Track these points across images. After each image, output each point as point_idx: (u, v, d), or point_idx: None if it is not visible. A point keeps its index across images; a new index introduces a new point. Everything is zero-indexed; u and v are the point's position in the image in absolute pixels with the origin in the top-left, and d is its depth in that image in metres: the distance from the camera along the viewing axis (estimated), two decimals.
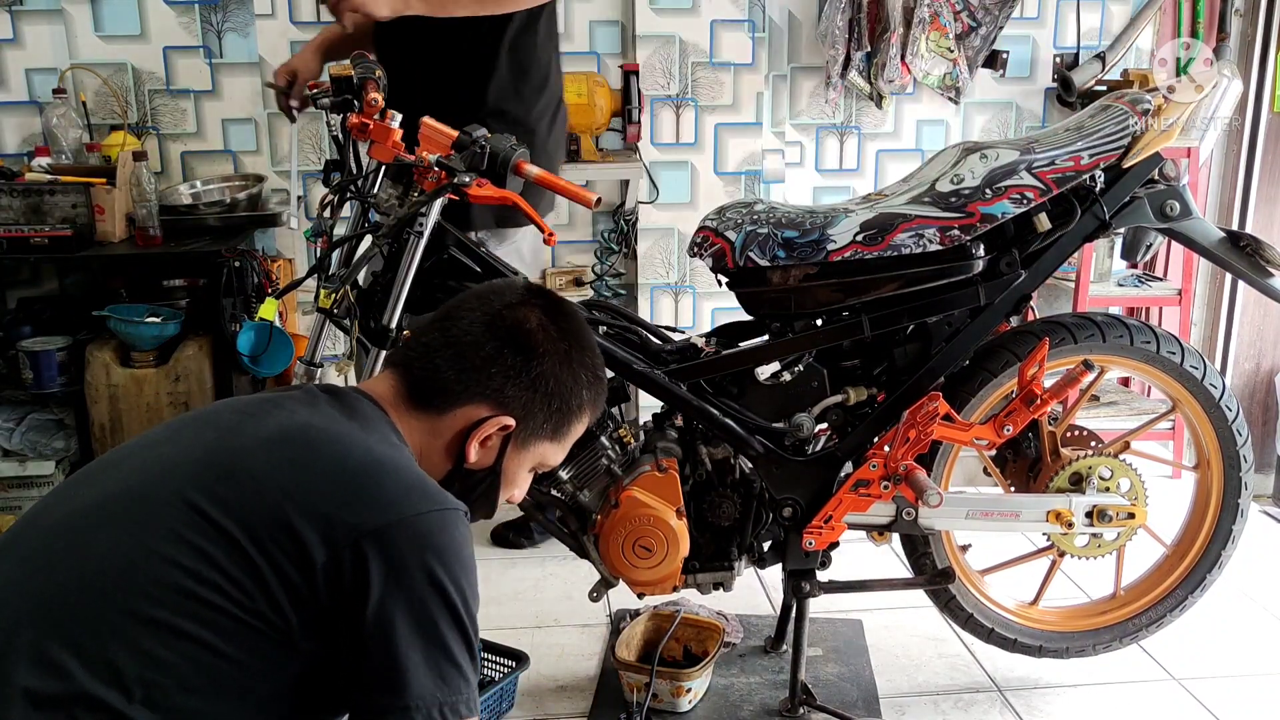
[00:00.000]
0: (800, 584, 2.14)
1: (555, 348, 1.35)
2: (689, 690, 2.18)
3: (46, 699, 1.05)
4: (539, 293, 1.41)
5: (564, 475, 2.04)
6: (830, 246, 2.00)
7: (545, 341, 1.35)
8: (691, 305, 3.41)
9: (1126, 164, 2.00)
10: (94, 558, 1.12)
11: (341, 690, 1.15)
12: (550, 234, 1.97)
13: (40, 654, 1.06)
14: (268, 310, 2.31)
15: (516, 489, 1.43)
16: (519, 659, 2.22)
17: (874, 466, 2.01)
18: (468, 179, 1.90)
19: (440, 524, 1.16)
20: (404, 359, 1.36)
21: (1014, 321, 2.15)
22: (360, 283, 2.03)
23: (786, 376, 2.12)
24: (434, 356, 1.33)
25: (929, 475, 2.04)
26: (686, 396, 2.08)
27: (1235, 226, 3.56)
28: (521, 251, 2.49)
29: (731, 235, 2.04)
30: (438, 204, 1.96)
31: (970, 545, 2.29)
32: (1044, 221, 2.01)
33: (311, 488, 1.15)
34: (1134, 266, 3.48)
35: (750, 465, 2.11)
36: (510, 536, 2.94)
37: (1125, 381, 3.59)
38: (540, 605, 2.67)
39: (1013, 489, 2.23)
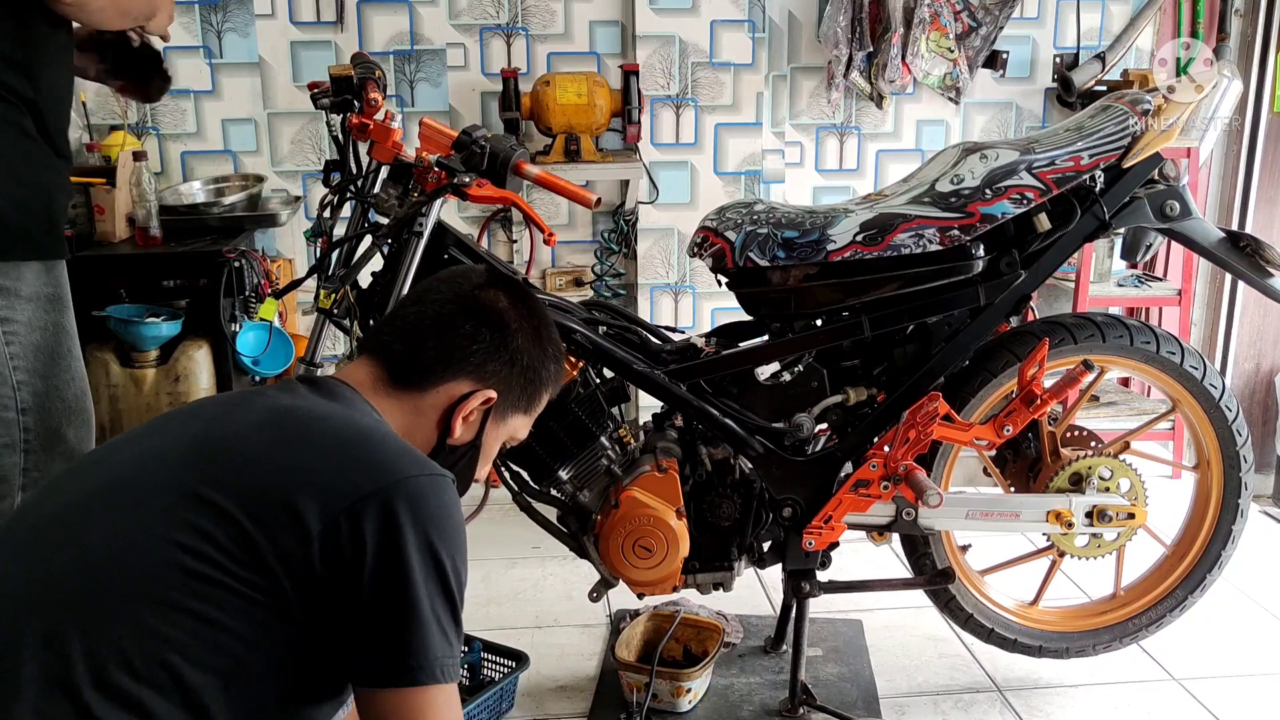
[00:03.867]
0: (800, 584, 2.14)
1: (526, 325, 1.42)
2: (689, 690, 2.18)
3: (57, 685, 1.06)
4: (500, 276, 1.47)
5: (564, 475, 2.05)
6: (830, 246, 2.00)
7: (517, 319, 1.41)
8: (691, 305, 3.41)
9: (1126, 164, 2.00)
10: (92, 544, 1.13)
11: (340, 660, 1.17)
12: (550, 234, 1.97)
13: (46, 641, 1.07)
14: (268, 310, 2.32)
15: (488, 464, 1.49)
16: (519, 659, 2.22)
17: (874, 467, 2.01)
18: (468, 179, 1.91)
19: (431, 487, 1.19)
20: (380, 343, 1.40)
21: (1014, 322, 2.15)
22: (360, 283, 2.03)
23: (786, 377, 2.12)
24: (412, 337, 1.38)
25: (929, 475, 2.04)
26: (686, 396, 2.08)
27: (1235, 226, 3.56)
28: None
29: (731, 235, 2.04)
30: (437, 204, 1.97)
31: (970, 545, 2.29)
32: (1044, 222, 2.01)
33: (304, 461, 1.18)
34: (1134, 266, 3.48)
35: (750, 465, 2.11)
36: None
37: (1125, 381, 3.59)
38: (540, 605, 2.67)
39: (1013, 489, 2.23)
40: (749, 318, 2.19)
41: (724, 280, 2.12)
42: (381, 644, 1.15)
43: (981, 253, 2.04)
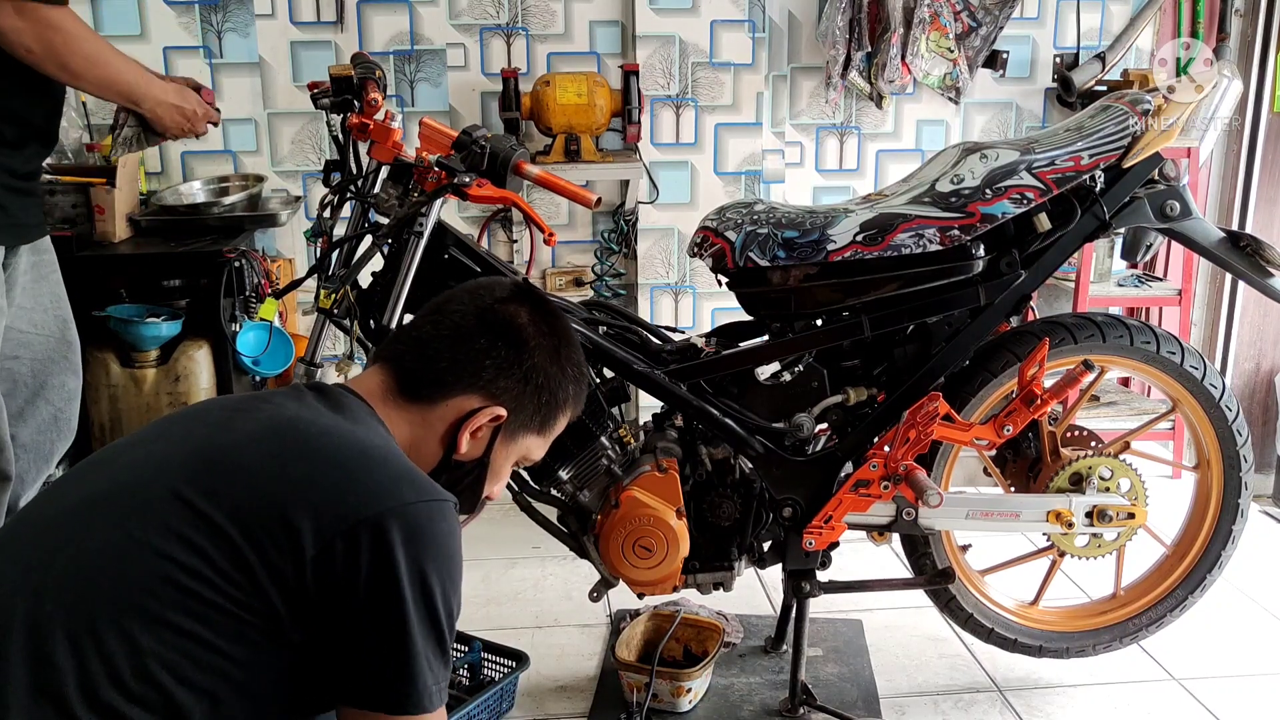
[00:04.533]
0: (800, 584, 2.14)
1: (545, 342, 1.39)
2: (689, 690, 2.18)
3: (46, 696, 1.06)
4: (526, 290, 1.44)
5: (564, 475, 2.05)
6: (830, 246, 2.00)
7: (536, 336, 1.38)
8: (691, 305, 3.41)
9: (1126, 164, 2.00)
10: (88, 553, 1.12)
11: (328, 679, 1.16)
12: (550, 234, 1.97)
13: (38, 651, 1.07)
14: (268, 310, 2.32)
15: (499, 483, 1.45)
16: (519, 659, 2.22)
17: (874, 466, 2.01)
18: (468, 179, 1.91)
19: (429, 514, 1.18)
20: (394, 353, 1.38)
21: (1014, 321, 2.15)
22: (360, 283, 2.03)
23: (786, 377, 2.12)
24: (427, 348, 1.35)
25: (929, 475, 2.04)
26: (686, 396, 2.08)
27: (1235, 226, 3.56)
28: None
29: (731, 235, 2.04)
30: (437, 204, 1.97)
31: (970, 545, 2.29)
32: (1044, 221, 2.01)
33: (302, 479, 1.16)
34: (1134, 266, 3.48)
35: (750, 465, 2.11)
36: None
37: (1125, 381, 3.59)
38: (540, 605, 2.67)
39: (1013, 489, 2.23)
40: (749, 318, 2.19)
41: (724, 280, 2.12)
42: (370, 669, 1.14)
43: (982, 253, 2.04)
